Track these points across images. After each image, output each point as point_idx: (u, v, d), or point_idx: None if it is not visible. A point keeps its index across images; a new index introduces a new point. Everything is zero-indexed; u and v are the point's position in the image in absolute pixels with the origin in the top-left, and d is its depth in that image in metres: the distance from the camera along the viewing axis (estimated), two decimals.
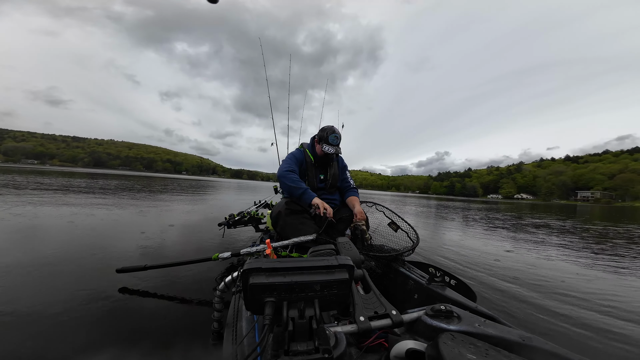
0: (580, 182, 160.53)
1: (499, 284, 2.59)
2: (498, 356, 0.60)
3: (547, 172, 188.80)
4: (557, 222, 10.14)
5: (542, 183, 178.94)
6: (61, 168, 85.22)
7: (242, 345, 0.78)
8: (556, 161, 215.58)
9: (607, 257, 4.16)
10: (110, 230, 3.74)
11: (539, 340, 0.72)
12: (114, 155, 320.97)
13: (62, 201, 6.20)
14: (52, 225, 3.72)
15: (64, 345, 1.34)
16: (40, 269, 2.19)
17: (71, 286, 1.94)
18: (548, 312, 2.03)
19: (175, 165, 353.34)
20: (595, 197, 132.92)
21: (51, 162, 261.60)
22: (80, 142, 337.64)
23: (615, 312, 2.12)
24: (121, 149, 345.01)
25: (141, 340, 1.41)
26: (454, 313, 0.83)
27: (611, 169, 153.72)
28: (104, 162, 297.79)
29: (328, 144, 2.05)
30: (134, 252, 2.85)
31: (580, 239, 5.96)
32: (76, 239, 3.17)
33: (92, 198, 7.29)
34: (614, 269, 3.49)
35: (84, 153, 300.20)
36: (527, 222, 9.44)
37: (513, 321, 0.92)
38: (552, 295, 2.40)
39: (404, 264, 1.61)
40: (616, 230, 7.97)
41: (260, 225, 3.00)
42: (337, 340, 0.68)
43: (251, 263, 0.63)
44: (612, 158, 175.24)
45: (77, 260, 2.48)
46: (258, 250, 1.60)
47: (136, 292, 1.92)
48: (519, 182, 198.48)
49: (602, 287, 2.73)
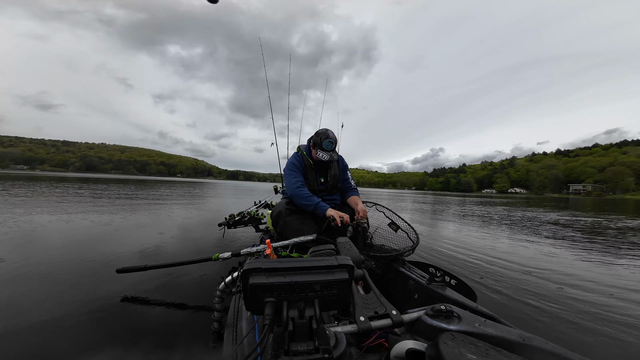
0: (571, 176, 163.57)
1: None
2: (498, 356, 0.60)
3: (539, 166, 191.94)
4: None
5: (535, 177, 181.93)
6: (52, 173, 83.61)
7: (242, 346, 0.78)
8: (548, 155, 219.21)
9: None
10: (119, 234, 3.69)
11: (539, 340, 0.71)
12: (105, 159, 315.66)
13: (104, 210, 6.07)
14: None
15: (63, 345, 1.34)
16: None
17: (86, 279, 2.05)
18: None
19: (169, 168, 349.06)
20: (587, 190, 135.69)
21: (41, 167, 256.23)
22: (71, 147, 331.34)
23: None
24: (113, 152, 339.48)
25: (142, 340, 1.41)
26: (454, 313, 0.83)
27: (601, 162, 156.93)
28: (95, 166, 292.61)
29: (322, 150, 1.99)
30: (135, 253, 2.85)
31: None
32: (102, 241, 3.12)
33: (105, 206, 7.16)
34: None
35: (75, 157, 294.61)
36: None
37: (513, 321, 0.92)
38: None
39: (404, 264, 1.60)
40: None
41: (260, 225, 2.99)
42: (337, 340, 0.68)
43: (251, 263, 0.63)
44: (602, 151, 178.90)
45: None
46: (258, 250, 1.60)
47: (136, 293, 1.92)
48: (512, 176, 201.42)
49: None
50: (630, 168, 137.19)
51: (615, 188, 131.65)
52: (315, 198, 1.91)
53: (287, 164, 2.19)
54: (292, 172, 2.08)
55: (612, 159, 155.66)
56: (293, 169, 2.10)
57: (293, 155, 2.26)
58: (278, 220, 1.94)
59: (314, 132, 2.19)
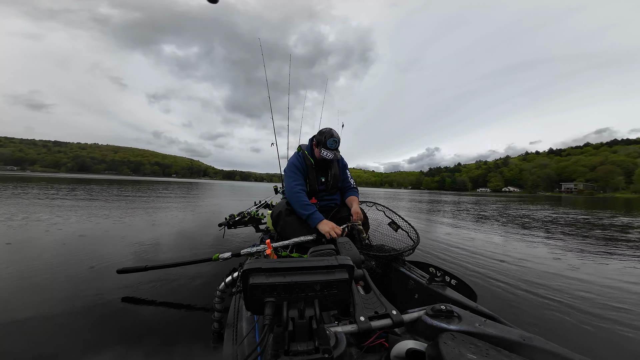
0: (563, 174, 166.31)
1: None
2: (498, 356, 0.60)
3: (532, 165, 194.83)
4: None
5: (528, 176, 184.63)
6: (43, 174, 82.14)
7: (242, 346, 0.77)
8: (540, 154, 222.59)
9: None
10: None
11: (539, 340, 0.71)
12: (98, 159, 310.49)
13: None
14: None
15: (63, 345, 1.35)
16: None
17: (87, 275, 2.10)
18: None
19: (164, 168, 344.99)
20: (579, 188, 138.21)
21: (32, 167, 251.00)
22: (63, 147, 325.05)
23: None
24: (106, 152, 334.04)
25: (143, 340, 1.42)
26: (454, 313, 0.82)
27: (592, 161, 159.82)
28: (88, 166, 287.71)
29: (326, 149, 1.98)
30: (134, 254, 2.83)
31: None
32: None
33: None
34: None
35: (67, 158, 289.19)
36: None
37: (513, 321, 0.92)
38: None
39: (404, 264, 1.60)
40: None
41: (260, 225, 2.98)
42: (337, 340, 0.68)
43: (251, 263, 0.63)
44: (593, 150, 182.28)
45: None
46: (258, 250, 1.59)
47: (136, 293, 1.92)
48: (506, 175, 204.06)
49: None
50: (620, 167, 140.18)
51: (605, 187, 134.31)
52: (311, 207, 1.85)
53: (288, 164, 2.17)
54: (293, 173, 2.06)
55: (603, 157, 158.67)
56: (294, 171, 2.07)
57: (294, 155, 2.23)
58: (278, 220, 1.93)
59: (311, 132, 2.18)
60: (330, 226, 1.72)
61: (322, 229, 1.71)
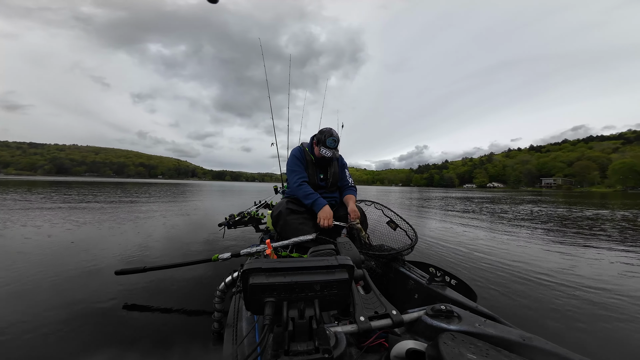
0: (543, 170, 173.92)
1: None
2: (498, 356, 0.60)
3: (514, 162, 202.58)
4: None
5: (511, 172, 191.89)
6: (19, 177, 77.75)
7: (242, 346, 0.77)
8: (522, 151, 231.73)
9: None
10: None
11: (539, 340, 0.71)
12: (78, 161, 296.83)
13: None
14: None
15: (61, 347, 1.33)
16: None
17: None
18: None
19: (149, 169, 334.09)
20: (558, 183, 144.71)
21: (5, 170, 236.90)
22: (39, 149, 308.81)
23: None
24: (86, 154, 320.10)
25: (142, 340, 1.41)
26: (454, 313, 0.83)
27: (570, 156, 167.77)
28: (67, 168, 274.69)
29: (326, 147, 2.03)
30: (133, 255, 2.79)
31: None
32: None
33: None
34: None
35: (44, 160, 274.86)
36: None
37: (513, 321, 0.94)
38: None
39: (404, 264, 1.59)
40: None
41: (260, 225, 2.95)
42: (337, 340, 0.67)
43: (251, 263, 0.63)
44: (570, 147, 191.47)
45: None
46: (258, 250, 1.59)
47: (135, 294, 1.91)
48: (490, 171, 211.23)
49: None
50: (595, 162, 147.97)
51: (582, 181, 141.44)
52: (315, 195, 1.95)
53: (290, 156, 2.22)
54: (296, 166, 2.12)
55: (580, 153, 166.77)
56: (296, 162, 2.13)
57: (296, 148, 2.27)
58: (278, 220, 1.93)
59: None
60: (326, 215, 1.81)
61: (319, 214, 1.82)
